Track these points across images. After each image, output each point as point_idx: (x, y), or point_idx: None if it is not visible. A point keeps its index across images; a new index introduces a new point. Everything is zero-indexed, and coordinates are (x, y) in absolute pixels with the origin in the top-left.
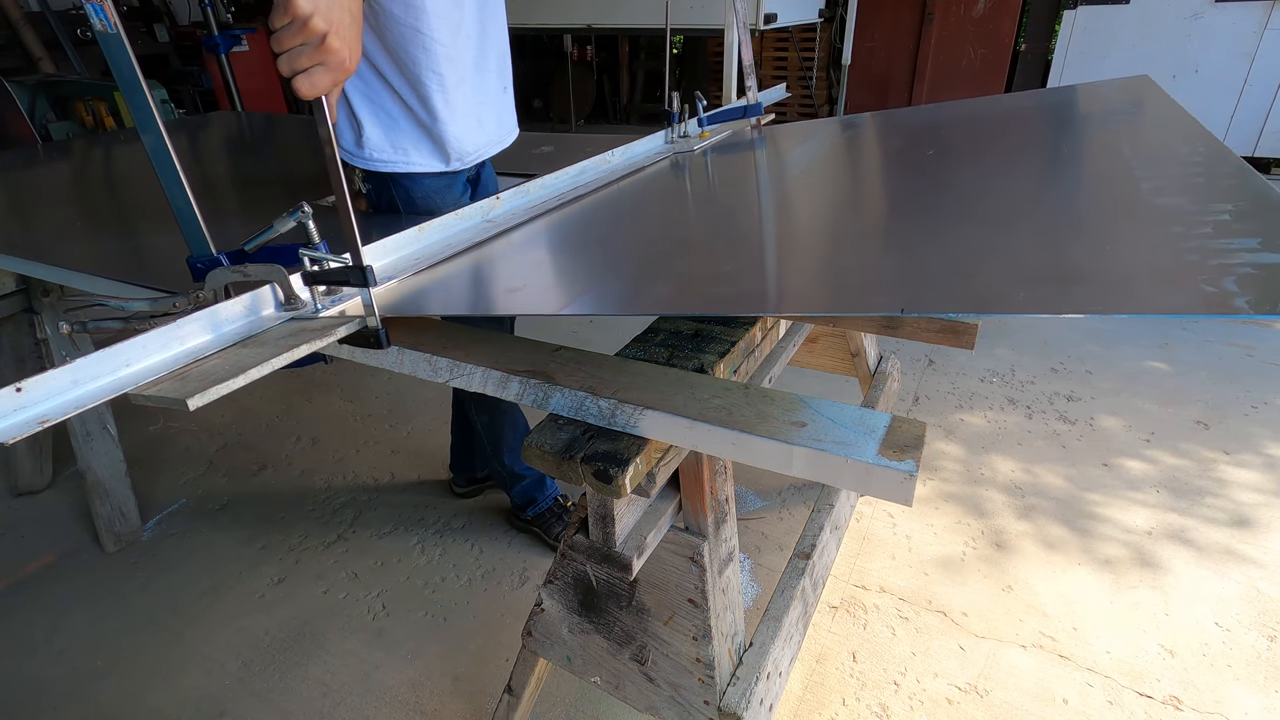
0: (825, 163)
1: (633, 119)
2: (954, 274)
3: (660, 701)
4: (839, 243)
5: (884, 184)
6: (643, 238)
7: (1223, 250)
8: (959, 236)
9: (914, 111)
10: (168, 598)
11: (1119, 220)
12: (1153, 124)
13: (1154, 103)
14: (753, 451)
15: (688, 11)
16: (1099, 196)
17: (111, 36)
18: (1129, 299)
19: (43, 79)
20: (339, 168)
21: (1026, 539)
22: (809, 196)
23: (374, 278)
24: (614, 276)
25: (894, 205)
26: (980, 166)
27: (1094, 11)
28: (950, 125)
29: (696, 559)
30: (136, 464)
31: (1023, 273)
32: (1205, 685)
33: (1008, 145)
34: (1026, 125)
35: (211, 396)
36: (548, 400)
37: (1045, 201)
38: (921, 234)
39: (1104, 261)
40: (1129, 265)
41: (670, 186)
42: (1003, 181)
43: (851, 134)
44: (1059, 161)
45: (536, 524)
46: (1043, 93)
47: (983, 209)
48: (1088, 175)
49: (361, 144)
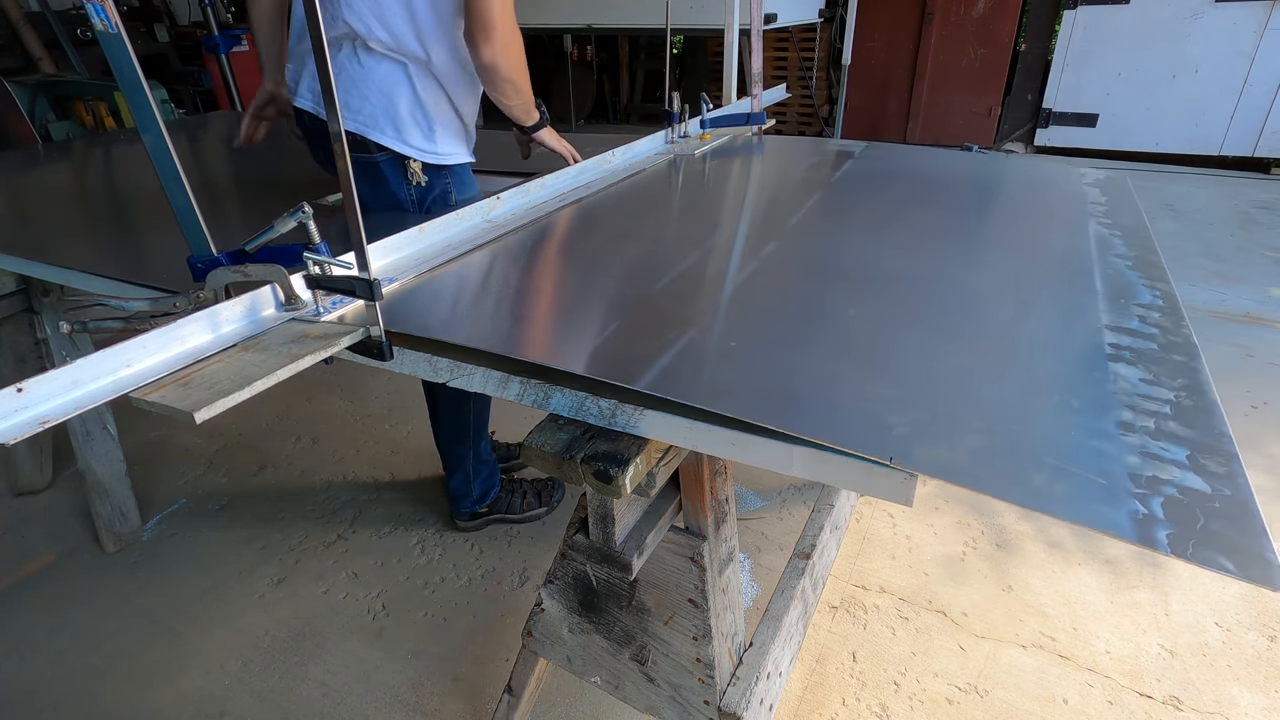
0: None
1: (633, 119)
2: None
3: (660, 701)
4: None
5: (867, 256)
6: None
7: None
8: (934, 362)
9: (909, 153)
10: (168, 598)
11: (1077, 389)
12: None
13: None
14: (753, 451)
15: (688, 11)
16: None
17: (112, 36)
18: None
19: (43, 79)
20: (348, 168)
21: (1027, 539)
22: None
23: (380, 291)
24: (609, 333)
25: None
26: (959, 254)
27: (1094, 11)
28: (936, 188)
29: (696, 559)
30: (136, 464)
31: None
32: (1205, 685)
33: (991, 232)
34: (1012, 208)
35: (218, 409)
36: (548, 400)
37: (1015, 344)
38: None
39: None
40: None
41: (667, 201)
42: (982, 294)
43: (847, 169)
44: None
45: (498, 509)
46: (1033, 164)
47: (953, 325)
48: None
49: (434, 142)
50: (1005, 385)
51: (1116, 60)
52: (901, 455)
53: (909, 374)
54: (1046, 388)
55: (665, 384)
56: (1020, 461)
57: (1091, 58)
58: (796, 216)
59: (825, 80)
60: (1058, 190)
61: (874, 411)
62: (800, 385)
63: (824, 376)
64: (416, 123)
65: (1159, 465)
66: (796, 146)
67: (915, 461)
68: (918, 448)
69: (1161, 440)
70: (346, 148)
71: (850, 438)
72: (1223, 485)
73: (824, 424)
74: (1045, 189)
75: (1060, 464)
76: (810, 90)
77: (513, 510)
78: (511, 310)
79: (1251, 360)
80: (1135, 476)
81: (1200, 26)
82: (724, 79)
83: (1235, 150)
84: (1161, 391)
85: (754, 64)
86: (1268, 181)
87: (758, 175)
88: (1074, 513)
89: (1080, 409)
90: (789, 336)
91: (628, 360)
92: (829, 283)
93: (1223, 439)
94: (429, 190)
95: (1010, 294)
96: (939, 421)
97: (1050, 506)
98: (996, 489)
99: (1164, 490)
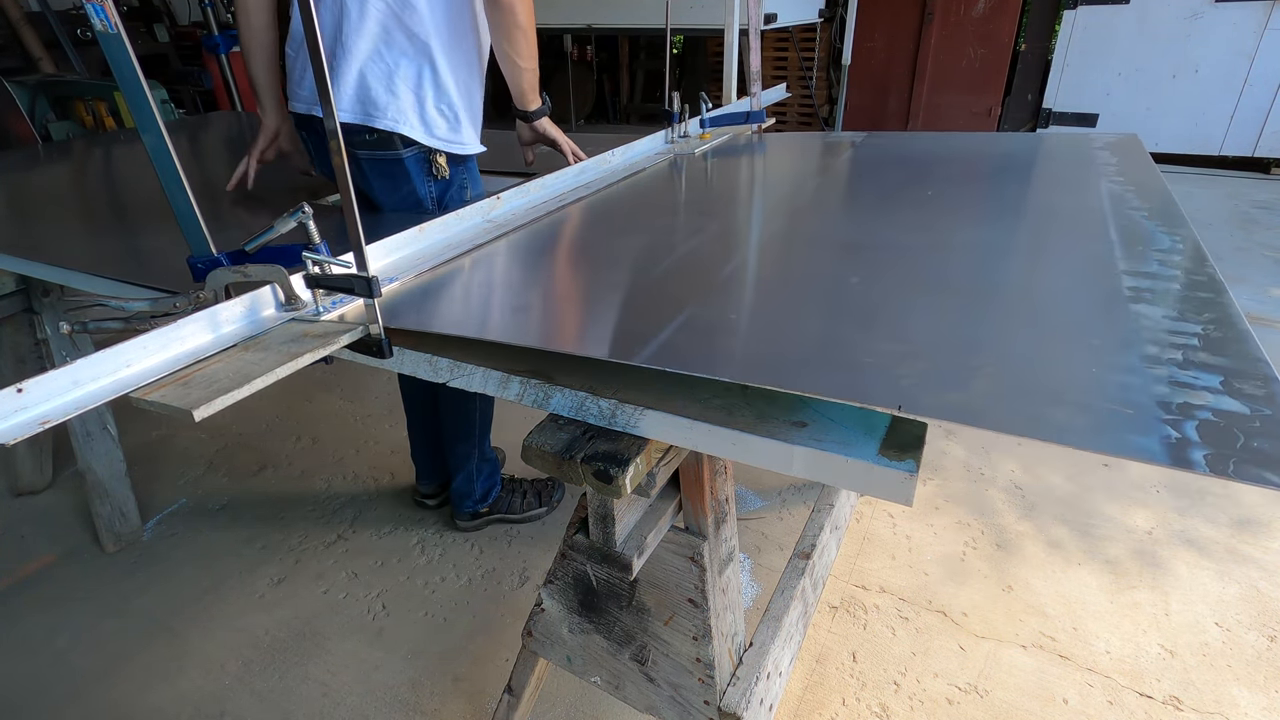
0: (823, 191)
1: (633, 119)
2: (945, 369)
3: (660, 701)
4: (824, 301)
5: (875, 230)
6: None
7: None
8: (942, 317)
9: (912, 138)
10: (168, 598)
11: (1097, 330)
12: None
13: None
14: (753, 451)
15: (688, 11)
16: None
17: (112, 36)
18: (1098, 436)
19: (43, 79)
20: (345, 165)
21: (1027, 539)
22: (802, 230)
23: (379, 288)
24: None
25: (877, 263)
26: (968, 223)
27: (1094, 11)
28: (942, 164)
29: (696, 559)
30: (136, 464)
31: (1009, 381)
32: (1205, 685)
33: (998, 200)
34: (1020, 177)
35: (217, 407)
36: (548, 400)
37: (1030, 290)
38: (893, 310)
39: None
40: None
41: (670, 199)
42: (992, 255)
43: (850, 155)
44: (1045, 227)
45: (498, 509)
46: (1036, 138)
47: (961, 284)
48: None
49: (459, 133)
50: (1018, 333)
51: (1116, 60)
52: (910, 404)
53: (915, 330)
54: (1063, 332)
55: (664, 358)
56: (1038, 400)
57: (1091, 58)
58: (799, 200)
59: (825, 80)
60: (1067, 156)
61: (880, 365)
62: (805, 350)
63: (829, 340)
64: (442, 114)
65: (1190, 393)
66: (797, 140)
67: (923, 408)
68: (926, 395)
69: (1191, 370)
70: (351, 147)
71: (855, 390)
72: (1262, 405)
73: (827, 381)
74: (1055, 156)
75: (1082, 399)
76: (810, 90)
77: (513, 510)
78: (512, 305)
79: None
80: (1165, 404)
81: (1200, 26)
82: (724, 79)
83: (1235, 150)
84: (1188, 326)
85: (753, 63)
86: (1268, 181)
87: (760, 169)
88: (1099, 442)
89: (1100, 347)
90: (791, 307)
91: (627, 340)
92: (833, 256)
93: (1259, 364)
94: (449, 184)
95: (1021, 251)
96: (948, 370)
97: (1072, 439)
98: (1011, 426)
99: (1198, 415)
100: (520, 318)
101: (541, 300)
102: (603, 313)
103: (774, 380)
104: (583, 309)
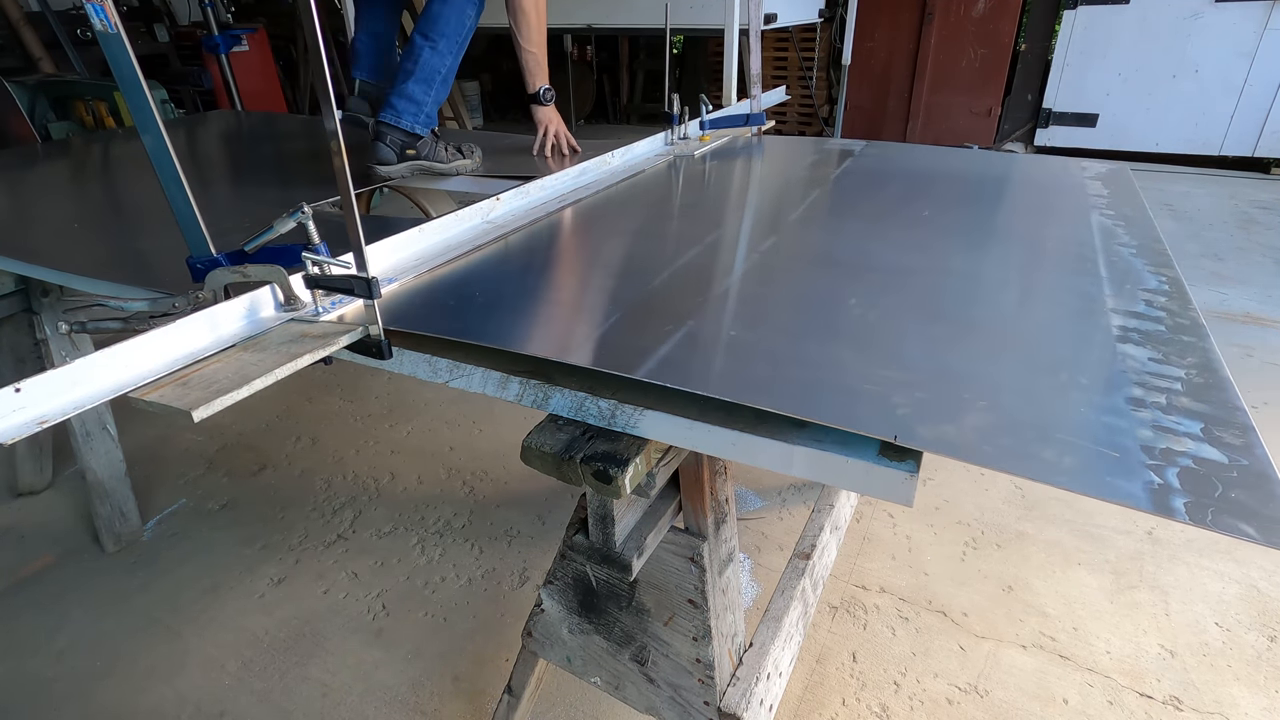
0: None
1: (633, 119)
2: (934, 404)
3: (660, 702)
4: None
5: (872, 249)
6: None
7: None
8: (936, 346)
9: (909, 151)
10: (168, 598)
11: (1086, 368)
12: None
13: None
14: (753, 452)
15: (688, 11)
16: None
17: (112, 36)
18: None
19: (43, 79)
20: (345, 165)
21: (1027, 539)
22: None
23: (379, 289)
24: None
25: (870, 285)
26: (963, 248)
27: (1094, 11)
28: (938, 182)
29: (696, 559)
30: (136, 464)
31: (1000, 417)
32: (1205, 685)
33: (993, 226)
34: (1014, 204)
35: (216, 407)
36: (548, 401)
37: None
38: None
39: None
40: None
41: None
42: (986, 285)
43: (849, 166)
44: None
45: (424, 153)
46: (1031, 162)
47: (956, 313)
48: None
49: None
50: (1010, 367)
51: (1116, 60)
52: (905, 434)
53: (911, 358)
54: (1053, 368)
55: (664, 373)
56: (1028, 438)
57: (1091, 58)
58: (797, 212)
59: (825, 80)
60: (1059, 184)
61: (877, 393)
62: (802, 371)
63: (826, 362)
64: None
65: (1173, 438)
66: (796, 146)
67: (919, 440)
68: (922, 426)
69: (1174, 415)
70: (351, 149)
71: (853, 418)
72: (1240, 455)
73: (826, 406)
74: (1046, 184)
75: (1070, 439)
76: (810, 90)
77: (439, 158)
78: (512, 308)
79: (1251, 360)
80: (1149, 449)
81: (1200, 26)
82: (724, 80)
83: (1235, 150)
84: (1172, 370)
85: (753, 64)
86: (1268, 181)
87: (758, 175)
88: (1086, 485)
89: (1089, 387)
90: (790, 327)
91: (627, 352)
92: (830, 275)
93: (1237, 412)
94: None
95: (1014, 282)
96: (943, 401)
97: (1061, 479)
98: (1004, 464)
99: (1179, 461)
100: (520, 322)
101: (541, 307)
102: (602, 323)
103: (772, 402)
104: (581, 318)
